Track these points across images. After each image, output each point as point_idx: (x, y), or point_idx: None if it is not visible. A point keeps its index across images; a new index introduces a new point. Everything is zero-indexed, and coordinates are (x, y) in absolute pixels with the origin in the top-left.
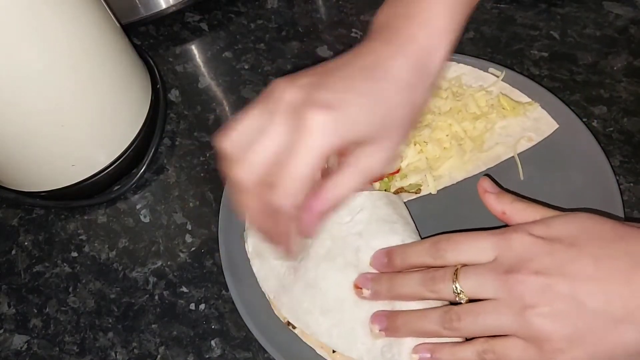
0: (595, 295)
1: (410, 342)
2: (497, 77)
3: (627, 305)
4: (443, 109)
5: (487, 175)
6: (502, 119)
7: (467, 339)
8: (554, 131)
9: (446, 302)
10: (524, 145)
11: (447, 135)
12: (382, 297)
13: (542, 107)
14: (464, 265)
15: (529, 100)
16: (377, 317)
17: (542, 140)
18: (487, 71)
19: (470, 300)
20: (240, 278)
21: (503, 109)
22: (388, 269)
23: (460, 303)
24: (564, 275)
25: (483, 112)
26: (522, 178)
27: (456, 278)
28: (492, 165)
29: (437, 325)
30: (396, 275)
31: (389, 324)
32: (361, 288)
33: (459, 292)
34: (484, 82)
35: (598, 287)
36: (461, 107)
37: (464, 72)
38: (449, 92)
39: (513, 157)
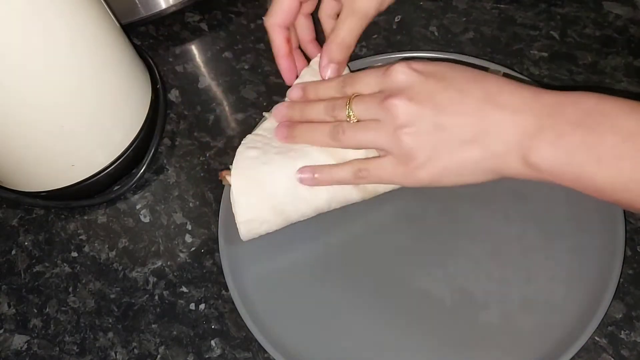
0: (452, 120)
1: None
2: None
3: (475, 130)
4: None
5: None
6: None
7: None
8: None
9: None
10: None
11: None
12: (295, 118)
13: None
14: (358, 95)
15: None
16: (280, 127)
17: None
18: (487, 71)
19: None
20: (240, 278)
21: None
22: (302, 100)
23: None
24: (432, 103)
25: None
26: None
27: (350, 104)
28: None
29: (327, 136)
30: (307, 103)
31: (289, 133)
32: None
33: (350, 115)
34: None
35: (456, 114)
36: None
37: None
38: None
39: None
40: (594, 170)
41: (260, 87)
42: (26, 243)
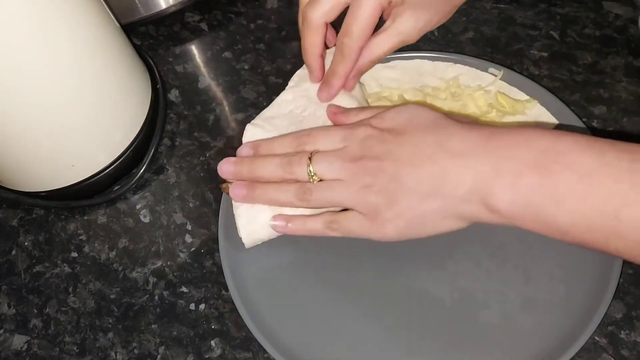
0: (411, 176)
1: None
2: (495, 76)
3: (433, 182)
4: (443, 110)
5: None
6: (502, 118)
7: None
8: (554, 128)
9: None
10: None
11: None
12: (244, 176)
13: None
14: (318, 152)
15: (528, 97)
16: (237, 187)
17: None
18: (487, 71)
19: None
20: (240, 278)
21: (502, 107)
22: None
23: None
24: (392, 160)
25: (482, 112)
26: None
27: (310, 162)
28: None
29: (292, 197)
30: (257, 158)
31: (248, 193)
32: (224, 183)
33: (312, 174)
34: (482, 81)
35: (413, 170)
36: (460, 108)
37: (462, 73)
38: (447, 93)
39: None
40: (554, 212)
41: (260, 87)
42: (26, 243)
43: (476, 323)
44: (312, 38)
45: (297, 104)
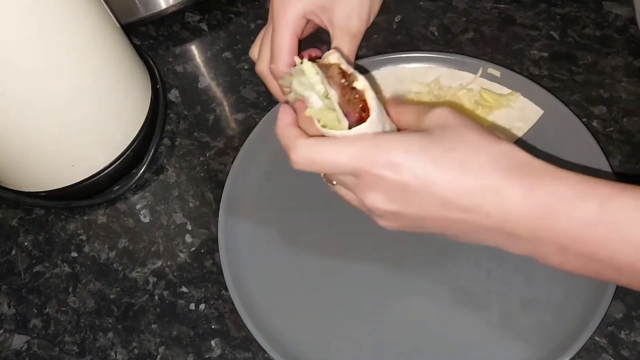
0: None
1: None
2: (497, 76)
3: (454, 191)
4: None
5: None
6: (489, 114)
7: None
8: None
9: None
10: (513, 137)
11: None
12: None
13: (525, 97)
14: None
15: (510, 91)
16: None
17: (532, 130)
18: (487, 71)
19: None
20: (240, 278)
21: (487, 102)
22: None
23: None
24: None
25: (469, 110)
26: None
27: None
28: None
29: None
30: None
31: None
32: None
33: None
34: (463, 80)
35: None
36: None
37: (441, 74)
38: (431, 96)
39: None
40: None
41: (260, 87)
42: (26, 243)
43: (476, 323)
44: (271, 88)
45: None
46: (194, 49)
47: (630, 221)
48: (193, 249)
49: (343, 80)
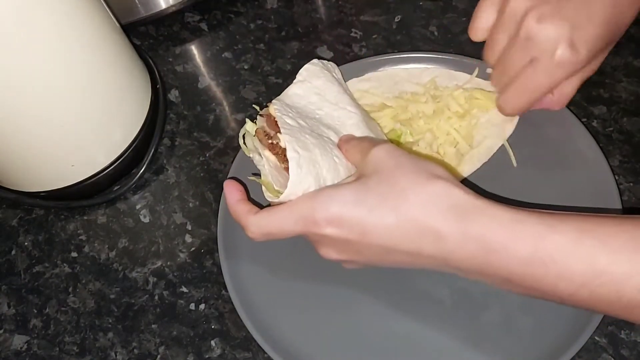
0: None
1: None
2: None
3: (394, 239)
4: (427, 112)
5: (483, 170)
6: (484, 112)
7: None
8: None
9: None
10: (509, 130)
11: (440, 145)
12: None
13: None
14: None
15: None
16: None
17: (532, 130)
18: (485, 71)
19: None
20: (240, 278)
21: (478, 100)
22: None
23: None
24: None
25: (465, 109)
26: (515, 165)
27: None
28: (486, 160)
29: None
30: None
31: None
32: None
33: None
34: (458, 80)
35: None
36: (443, 108)
37: (437, 75)
38: (427, 96)
39: (504, 146)
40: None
41: (260, 87)
42: (26, 243)
43: (476, 324)
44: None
45: (310, 100)
46: (194, 49)
47: (563, 258)
48: (193, 249)
49: (270, 141)
